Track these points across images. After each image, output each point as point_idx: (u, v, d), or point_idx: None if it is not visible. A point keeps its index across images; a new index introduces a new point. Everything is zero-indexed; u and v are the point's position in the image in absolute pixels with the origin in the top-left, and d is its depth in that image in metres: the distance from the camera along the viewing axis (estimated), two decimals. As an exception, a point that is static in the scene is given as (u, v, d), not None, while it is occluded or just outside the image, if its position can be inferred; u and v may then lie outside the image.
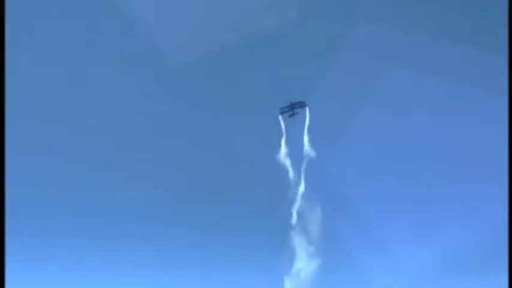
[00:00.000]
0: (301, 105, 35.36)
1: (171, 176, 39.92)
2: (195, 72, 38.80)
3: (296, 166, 35.21)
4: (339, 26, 37.82)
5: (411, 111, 37.69)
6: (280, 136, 35.46)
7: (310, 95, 36.06)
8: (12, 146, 29.95)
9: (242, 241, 36.89)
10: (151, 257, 37.91)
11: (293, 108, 35.49)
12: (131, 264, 37.65)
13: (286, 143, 35.45)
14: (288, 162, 35.17)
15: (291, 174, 35.09)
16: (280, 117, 35.84)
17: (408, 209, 37.28)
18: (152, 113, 39.93)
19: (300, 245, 33.93)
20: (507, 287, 25.04)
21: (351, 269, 35.05)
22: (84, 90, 39.52)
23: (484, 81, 35.66)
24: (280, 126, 35.59)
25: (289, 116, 35.80)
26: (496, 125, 32.81)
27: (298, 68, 38.42)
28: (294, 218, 34.55)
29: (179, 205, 39.28)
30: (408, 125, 37.36)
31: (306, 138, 35.31)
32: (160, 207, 39.08)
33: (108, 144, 40.09)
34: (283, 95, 35.39)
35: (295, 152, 35.31)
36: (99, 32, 38.74)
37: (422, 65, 37.09)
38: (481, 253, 33.83)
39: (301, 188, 35.12)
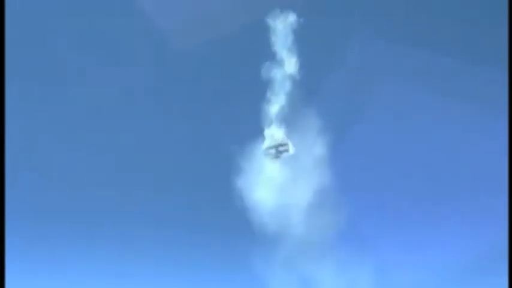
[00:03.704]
0: (285, 146, 34.91)
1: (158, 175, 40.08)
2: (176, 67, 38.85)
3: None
4: (336, 35, 37.78)
5: (409, 122, 37.89)
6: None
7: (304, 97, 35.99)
8: (12, 145, 29.97)
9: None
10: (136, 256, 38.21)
11: (277, 149, 35.09)
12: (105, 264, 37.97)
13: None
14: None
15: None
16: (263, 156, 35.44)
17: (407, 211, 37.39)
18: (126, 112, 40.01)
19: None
20: (507, 287, 25.27)
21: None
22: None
23: (483, 93, 36.00)
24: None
25: (275, 157, 35.31)
26: (497, 136, 32.94)
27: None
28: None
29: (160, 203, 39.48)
30: (408, 137, 37.52)
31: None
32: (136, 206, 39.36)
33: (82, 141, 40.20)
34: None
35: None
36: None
37: (422, 78, 37.31)
38: (483, 258, 34.09)
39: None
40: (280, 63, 34.58)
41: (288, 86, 34.64)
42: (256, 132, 34.71)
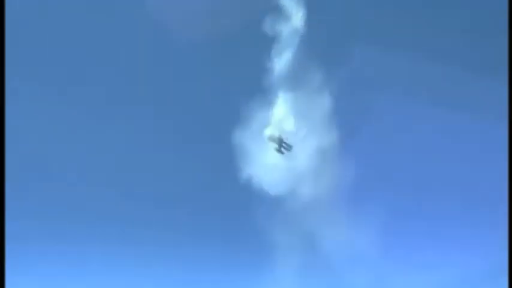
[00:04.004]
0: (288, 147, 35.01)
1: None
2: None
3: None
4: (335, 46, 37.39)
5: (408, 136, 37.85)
6: None
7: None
8: (12, 145, 29.90)
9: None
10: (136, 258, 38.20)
11: (281, 145, 35.04)
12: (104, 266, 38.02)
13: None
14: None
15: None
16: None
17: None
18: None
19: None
20: (507, 287, 25.28)
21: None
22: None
23: (485, 97, 35.99)
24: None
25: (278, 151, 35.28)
26: (498, 140, 32.95)
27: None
28: None
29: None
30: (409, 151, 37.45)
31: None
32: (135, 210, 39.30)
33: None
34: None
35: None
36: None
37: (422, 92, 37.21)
38: (483, 259, 34.18)
39: None
40: (287, 18, 34.20)
41: (294, 41, 34.14)
42: (262, 92, 34.49)
